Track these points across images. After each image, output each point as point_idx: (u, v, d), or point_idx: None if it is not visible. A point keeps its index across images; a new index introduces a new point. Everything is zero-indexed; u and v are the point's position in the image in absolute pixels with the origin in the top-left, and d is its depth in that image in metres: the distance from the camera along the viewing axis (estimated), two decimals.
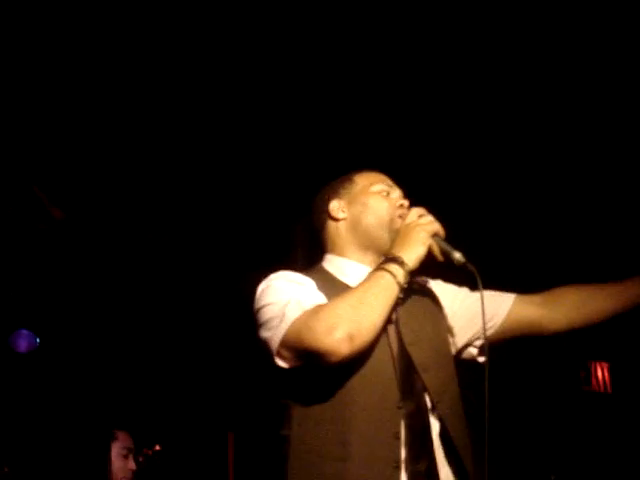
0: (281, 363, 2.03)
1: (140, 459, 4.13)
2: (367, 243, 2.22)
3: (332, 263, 2.25)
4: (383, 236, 2.19)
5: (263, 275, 2.22)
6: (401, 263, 2.03)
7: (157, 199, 4.94)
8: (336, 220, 2.26)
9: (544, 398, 4.90)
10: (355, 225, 2.23)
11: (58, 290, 5.38)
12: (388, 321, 2.06)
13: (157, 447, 4.19)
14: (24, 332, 5.47)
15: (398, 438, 1.98)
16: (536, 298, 2.33)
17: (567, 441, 4.64)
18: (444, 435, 2.06)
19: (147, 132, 4.40)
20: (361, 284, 2.05)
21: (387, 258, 2.07)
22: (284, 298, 2.06)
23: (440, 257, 2.10)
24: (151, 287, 5.43)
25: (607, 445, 4.68)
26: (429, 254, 2.10)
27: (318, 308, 2.00)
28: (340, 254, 2.25)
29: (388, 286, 2.01)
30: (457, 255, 2.07)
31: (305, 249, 4.81)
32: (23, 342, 5.46)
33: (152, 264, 5.37)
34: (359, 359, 2.01)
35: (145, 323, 5.47)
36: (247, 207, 4.93)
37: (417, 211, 2.15)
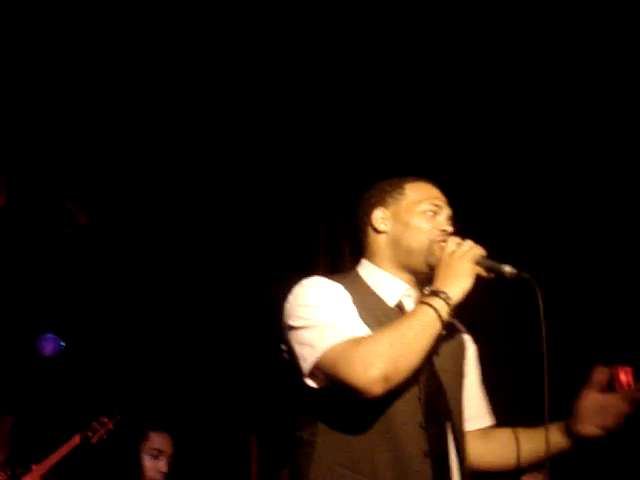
0: (311, 383, 1.99)
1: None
2: (404, 263, 2.16)
3: (369, 271, 2.21)
4: (420, 261, 2.14)
5: (290, 280, 2.14)
6: (446, 298, 1.98)
7: (182, 204, 4.96)
8: (377, 231, 2.20)
9: None
10: (395, 243, 2.18)
11: (83, 294, 5.41)
12: None
13: None
14: (50, 336, 5.50)
15: (427, 456, 1.97)
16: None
17: (633, 452, 4.55)
18: (458, 456, 2.08)
19: (171, 139, 4.43)
20: (405, 319, 2.00)
21: (431, 291, 2.02)
22: (322, 317, 2.00)
23: (490, 275, 2.05)
24: (177, 291, 5.44)
25: None
26: (478, 278, 2.04)
27: (358, 341, 1.94)
28: (377, 264, 2.20)
29: (431, 324, 1.96)
30: (507, 269, 2.02)
31: (328, 254, 4.79)
32: (49, 346, 5.50)
33: (177, 269, 5.37)
34: None
35: (166, 328, 5.49)
36: (270, 212, 4.92)
37: (454, 239, 2.09)
